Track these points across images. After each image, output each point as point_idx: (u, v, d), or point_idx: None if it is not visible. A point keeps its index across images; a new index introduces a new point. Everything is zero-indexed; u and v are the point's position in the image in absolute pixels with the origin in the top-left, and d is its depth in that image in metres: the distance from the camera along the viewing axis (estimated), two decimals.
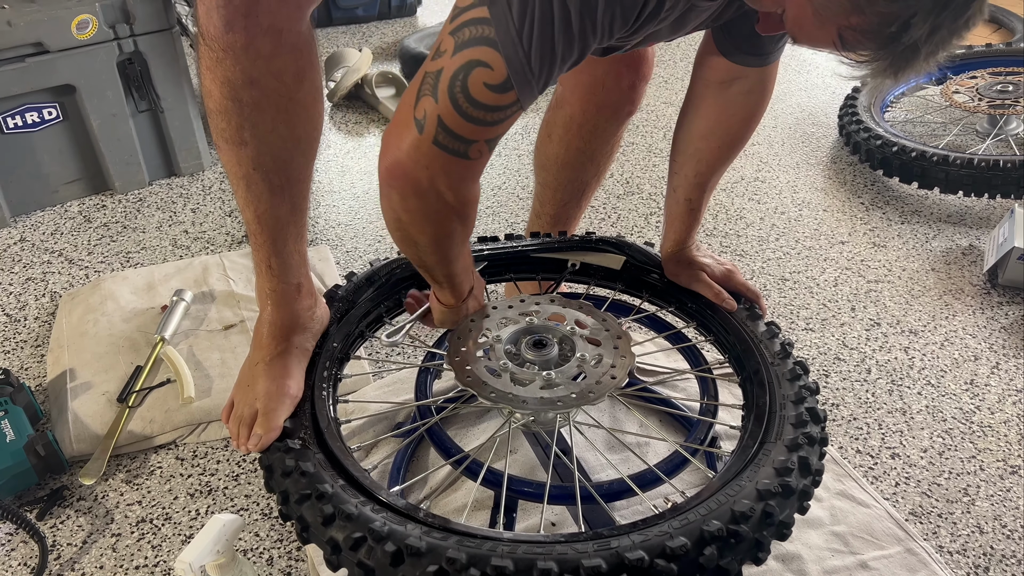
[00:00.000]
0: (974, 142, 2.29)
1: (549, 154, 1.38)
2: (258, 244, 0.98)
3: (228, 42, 0.83)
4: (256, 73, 0.85)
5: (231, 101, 0.87)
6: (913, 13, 0.67)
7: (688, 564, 0.75)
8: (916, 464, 1.33)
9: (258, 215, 0.95)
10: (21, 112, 1.85)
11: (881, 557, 1.13)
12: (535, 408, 0.95)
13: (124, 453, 1.33)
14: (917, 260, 1.87)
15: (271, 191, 0.93)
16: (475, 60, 0.78)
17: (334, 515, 0.81)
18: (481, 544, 0.76)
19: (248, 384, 1.01)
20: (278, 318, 1.02)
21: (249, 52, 0.84)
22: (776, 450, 0.89)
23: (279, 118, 0.89)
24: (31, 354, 1.55)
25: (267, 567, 1.15)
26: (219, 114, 0.88)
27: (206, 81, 0.87)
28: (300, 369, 1.02)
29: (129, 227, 1.96)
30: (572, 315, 1.09)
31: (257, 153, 0.90)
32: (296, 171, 0.95)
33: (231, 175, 0.94)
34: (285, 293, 1.01)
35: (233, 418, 1.01)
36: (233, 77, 0.85)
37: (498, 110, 0.80)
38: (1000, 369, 1.53)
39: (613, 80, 1.25)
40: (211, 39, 0.83)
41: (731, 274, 1.19)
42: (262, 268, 1.00)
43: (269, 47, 0.84)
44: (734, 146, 1.15)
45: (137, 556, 1.17)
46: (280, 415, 0.96)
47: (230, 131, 0.89)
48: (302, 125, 0.92)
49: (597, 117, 1.30)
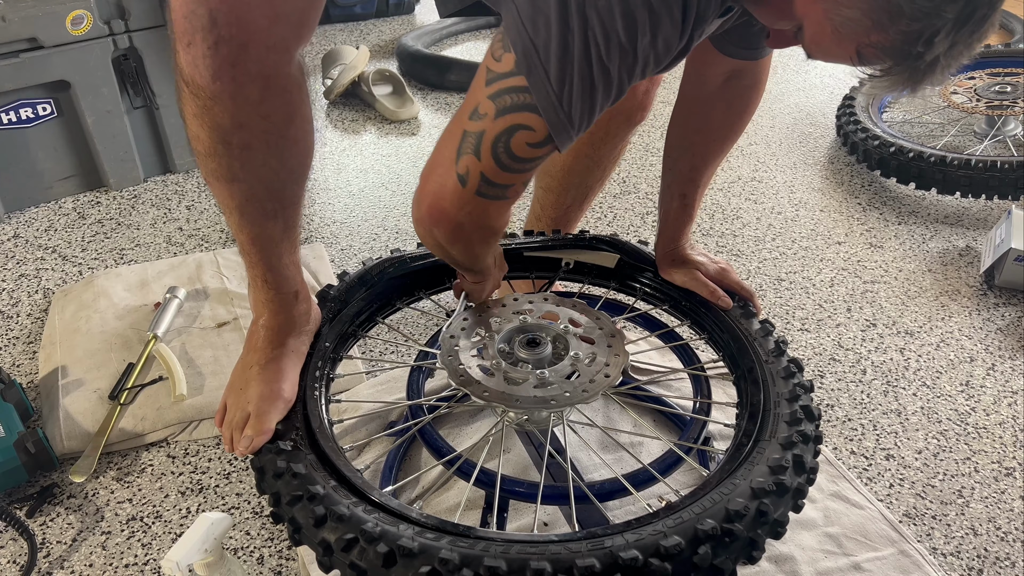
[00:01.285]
0: (972, 143, 2.29)
1: (555, 161, 1.37)
2: (252, 262, 0.98)
3: (215, 91, 0.81)
4: (244, 118, 0.84)
5: (220, 144, 0.85)
6: (936, 31, 0.66)
7: (682, 563, 0.74)
8: (911, 465, 1.33)
9: (252, 238, 0.95)
10: (15, 108, 1.84)
11: (875, 559, 1.12)
12: (529, 407, 0.94)
13: (115, 451, 1.32)
14: (914, 261, 1.86)
15: (264, 216, 0.93)
16: (518, 124, 0.80)
17: (326, 516, 0.80)
18: (474, 544, 0.76)
19: (241, 388, 1.00)
20: (274, 323, 1.02)
21: (237, 99, 0.82)
22: (770, 448, 0.88)
23: (270, 155, 0.88)
24: (23, 351, 1.54)
25: (257, 566, 1.14)
26: (208, 156, 0.87)
27: (193, 127, 0.86)
28: (294, 372, 1.01)
29: (123, 224, 1.95)
30: (566, 314, 1.09)
31: (249, 187, 0.90)
32: (289, 197, 0.95)
33: (224, 207, 0.93)
34: (281, 302, 1.01)
35: (226, 424, 1.00)
36: (222, 122, 0.84)
37: (538, 160, 0.83)
38: (996, 371, 1.53)
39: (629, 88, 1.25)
40: (197, 88, 0.82)
41: (725, 272, 1.19)
42: (257, 282, 1.00)
43: (257, 93, 0.83)
44: (727, 140, 1.15)
45: (127, 554, 1.16)
46: (272, 418, 0.95)
47: (221, 170, 0.88)
48: (294, 158, 0.92)
49: (609, 124, 1.30)
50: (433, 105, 2.64)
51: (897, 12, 0.66)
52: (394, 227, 1.96)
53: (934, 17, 0.66)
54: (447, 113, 2.59)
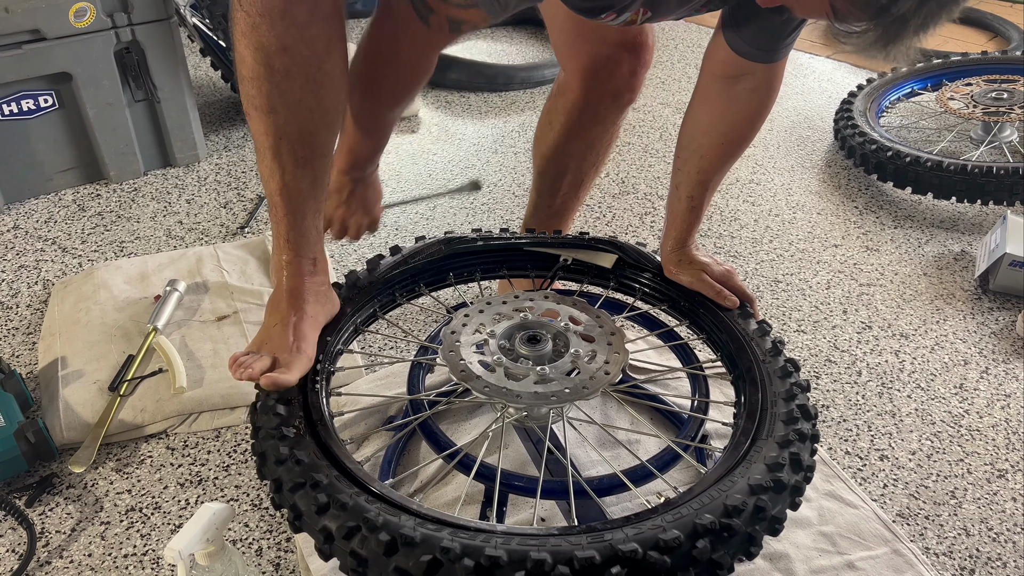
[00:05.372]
0: (968, 149, 2.30)
1: (549, 142, 1.40)
2: (278, 217, 0.99)
3: (265, 6, 0.84)
4: (289, 40, 0.87)
5: (263, 67, 0.88)
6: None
7: (681, 557, 0.75)
8: (904, 466, 1.34)
9: (281, 187, 0.96)
10: (17, 99, 1.84)
11: (868, 558, 1.14)
12: (529, 403, 0.95)
13: (114, 442, 1.33)
14: (909, 264, 1.88)
15: (295, 163, 0.95)
16: None
17: (328, 504, 0.81)
18: (475, 536, 0.76)
19: (263, 342, 1.00)
20: (293, 287, 1.02)
21: (285, 18, 0.85)
22: (768, 446, 0.89)
23: (307, 87, 0.91)
24: (23, 341, 1.54)
25: (256, 557, 1.15)
26: (251, 80, 0.90)
27: (240, 47, 0.89)
28: (314, 336, 1.02)
29: (123, 217, 1.95)
30: (566, 311, 1.09)
31: (285, 122, 0.92)
32: (320, 145, 0.96)
33: (258, 144, 0.95)
34: (300, 266, 1.02)
35: (244, 359, 0.97)
36: (267, 43, 0.86)
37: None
38: (989, 374, 1.54)
39: (614, 65, 1.27)
40: (248, 4, 0.85)
41: (729, 275, 1.19)
42: (280, 242, 1.01)
43: (305, 14, 0.86)
44: (738, 144, 1.15)
45: (126, 544, 1.17)
46: (296, 369, 0.96)
47: (260, 98, 0.90)
48: (329, 96, 0.94)
49: (598, 104, 1.32)
50: (433, 103, 2.65)
51: None
52: (393, 223, 1.96)
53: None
54: (447, 111, 2.60)
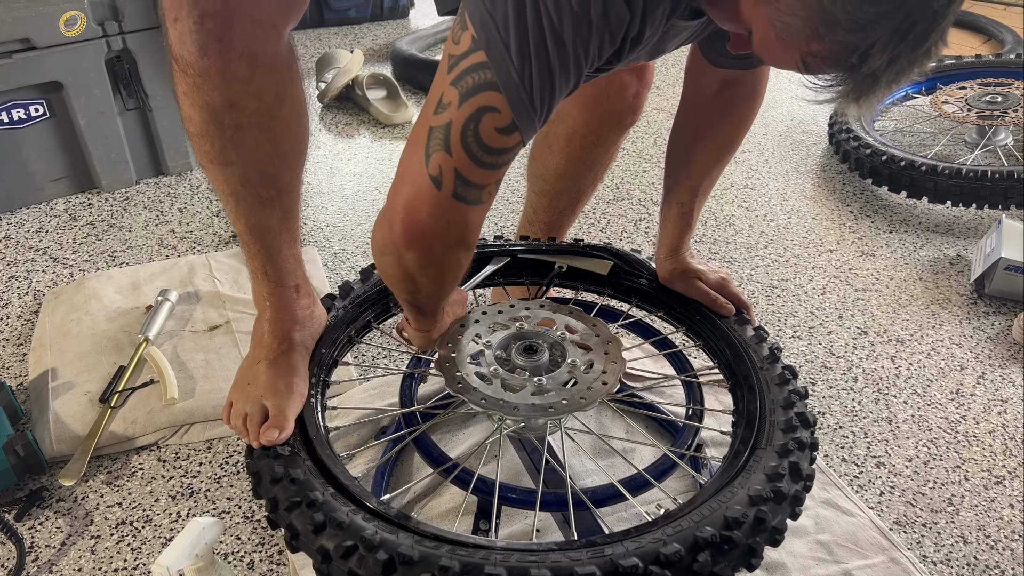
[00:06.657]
0: (963, 152, 2.30)
1: (548, 165, 1.37)
2: (252, 253, 0.97)
3: (203, 67, 0.81)
4: (234, 96, 0.83)
5: (212, 125, 0.85)
6: (871, 44, 0.66)
7: (682, 571, 0.74)
8: (901, 473, 1.33)
9: (249, 227, 0.94)
10: (7, 109, 1.83)
11: (865, 566, 1.13)
12: (527, 415, 0.94)
13: (105, 454, 1.31)
14: (905, 269, 1.88)
15: (260, 204, 0.93)
16: (484, 107, 0.76)
17: (325, 523, 0.80)
18: (474, 553, 0.75)
19: (248, 383, 0.99)
20: (278, 318, 1.01)
21: (225, 76, 0.82)
22: (767, 456, 0.89)
23: (262, 137, 0.88)
24: (13, 353, 1.53)
25: (248, 571, 1.14)
26: (201, 137, 0.87)
27: (185, 106, 0.86)
28: (304, 366, 1.01)
29: (115, 226, 1.94)
30: (562, 320, 1.09)
31: (243, 171, 0.89)
32: (285, 183, 0.94)
33: (219, 192, 0.93)
34: (283, 296, 1.01)
35: (235, 414, 0.99)
36: (212, 101, 0.83)
37: (507, 152, 0.80)
38: (986, 379, 1.54)
39: (618, 90, 1.25)
40: (186, 65, 0.82)
41: (725, 282, 1.19)
42: (258, 275, 0.99)
43: (245, 70, 0.83)
44: (725, 149, 1.15)
45: (116, 559, 1.15)
46: (291, 413, 0.95)
47: (214, 153, 0.87)
48: (287, 141, 0.91)
49: (600, 127, 1.30)
50: None
51: (833, 22, 0.66)
52: None
53: (869, 30, 0.66)
54: None
